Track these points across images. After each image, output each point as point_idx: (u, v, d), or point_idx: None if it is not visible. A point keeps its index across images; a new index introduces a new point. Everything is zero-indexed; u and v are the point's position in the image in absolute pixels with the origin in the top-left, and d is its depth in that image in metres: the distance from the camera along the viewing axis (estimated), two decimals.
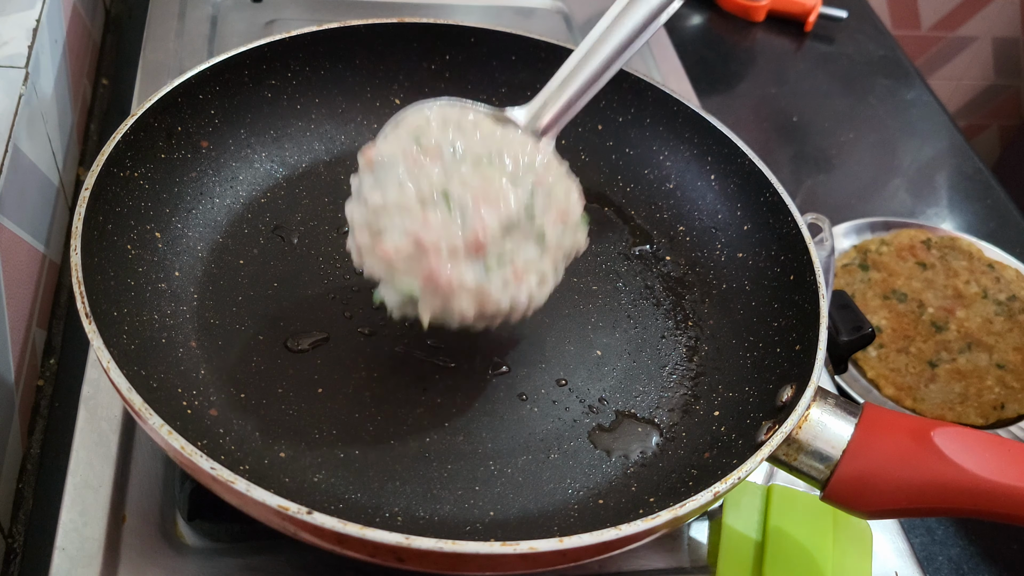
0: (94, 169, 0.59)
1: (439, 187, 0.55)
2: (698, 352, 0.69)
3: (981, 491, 0.51)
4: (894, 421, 0.55)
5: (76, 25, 0.92)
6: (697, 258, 0.74)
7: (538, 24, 1.10)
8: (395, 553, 0.46)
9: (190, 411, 0.57)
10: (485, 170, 0.56)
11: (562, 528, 0.55)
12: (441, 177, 0.55)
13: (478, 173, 0.56)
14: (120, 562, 0.57)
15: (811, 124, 1.14)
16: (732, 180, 0.74)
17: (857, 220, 0.99)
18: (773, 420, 0.57)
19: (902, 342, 0.88)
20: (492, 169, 0.57)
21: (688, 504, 0.49)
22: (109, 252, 0.59)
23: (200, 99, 0.69)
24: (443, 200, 0.55)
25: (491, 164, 0.57)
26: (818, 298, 0.62)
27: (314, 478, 0.56)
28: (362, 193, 0.57)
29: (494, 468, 0.59)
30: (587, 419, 0.63)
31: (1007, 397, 0.85)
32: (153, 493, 0.61)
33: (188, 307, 0.64)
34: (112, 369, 0.49)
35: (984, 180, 1.12)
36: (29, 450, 0.70)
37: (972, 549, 0.74)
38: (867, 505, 0.54)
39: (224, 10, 1.02)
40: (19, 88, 0.71)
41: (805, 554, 0.61)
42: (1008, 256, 0.97)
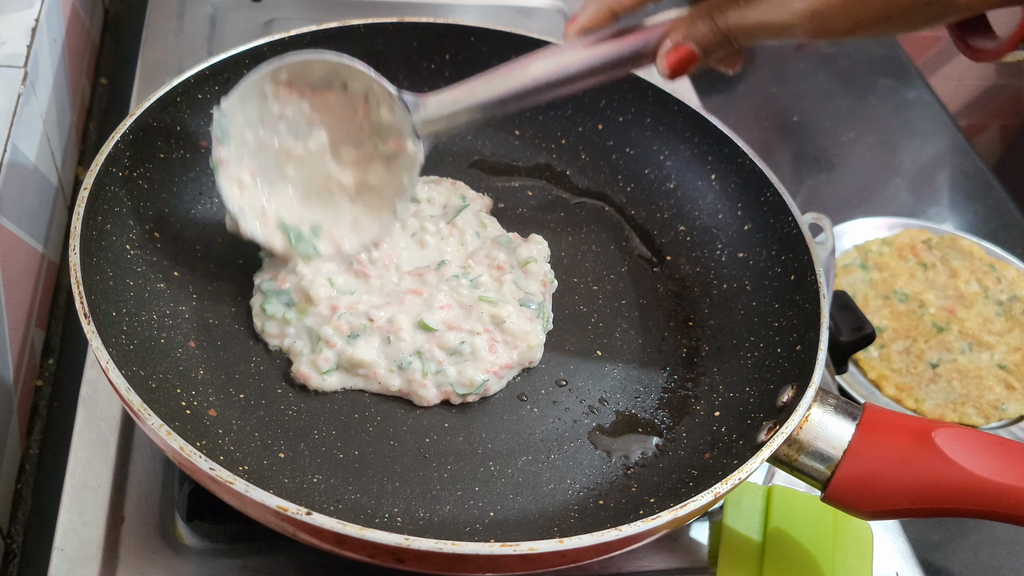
0: (93, 169, 0.59)
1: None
2: (698, 352, 0.68)
3: (982, 491, 0.51)
4: (895, 421, 0.55)
5: (75, 24, 0.92)
6: (697, 258, 0.74)
7: (538, 23, 1.10)
8: (395, 554, 0.46)
9: (189, 411, 0.57)
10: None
11: (562, 529, 0.55)
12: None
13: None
14: (119, 563, 0.57)
15: (812, 124, 1.14)
16: (733, 180, 0.74)
17: (858, 220, 0.99)
18: (774, 420, 0.57)
19: (903, 342, 0.88)
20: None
21: (689, 505, 0.49)
22: (108, 252, 0.59)
23: (199, 99, 0.69)
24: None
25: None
26: (819, 298, 0.62)
27: (313, 478, 0.56)
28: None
29: (494, 468, 0.59)
30: (587, 419, 0.63)
31: (1008, 397, 0.85)
32: (152, 494, 0.61)
33: (187, 307, 0.64)
34: (111, 369, 0.49)
35: (985, 180, 1.11)
36: (28, 450, 0.70)
37: (972, 549, 0.74)
38: (868, 505, 0.54)
39: (223, 9, 1.02)
40: (18, 88, 0.71)
41: (806, 555, 0.61)
42: (1009, 256, 0.97)
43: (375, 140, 0.65)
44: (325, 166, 0.65)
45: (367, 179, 0.66)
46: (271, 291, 0.64)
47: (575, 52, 0.58)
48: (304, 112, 0.64)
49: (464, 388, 0.61)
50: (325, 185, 0.66)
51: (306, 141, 0.65)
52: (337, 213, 0.66)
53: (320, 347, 0.61)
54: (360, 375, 0.61)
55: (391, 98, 0.62)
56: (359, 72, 0.62)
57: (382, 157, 0.65)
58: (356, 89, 0.63)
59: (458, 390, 0.61)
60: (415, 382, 0.61)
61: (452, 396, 0.62)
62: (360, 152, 0.66)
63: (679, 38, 0.54)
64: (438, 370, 0.61)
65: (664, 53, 0.55)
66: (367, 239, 0.66)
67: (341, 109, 0.64)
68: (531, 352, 0.64)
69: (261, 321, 0.63)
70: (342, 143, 0.65)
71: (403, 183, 0.65)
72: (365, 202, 0.66)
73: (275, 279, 0.65)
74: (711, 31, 0.53)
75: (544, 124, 0.81)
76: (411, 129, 0.62)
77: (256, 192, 0.64)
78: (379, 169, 0.66)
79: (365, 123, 0.65)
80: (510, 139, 0.81)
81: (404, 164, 0.64)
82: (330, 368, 0.61)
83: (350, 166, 0.66)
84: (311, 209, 0.66)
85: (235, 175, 0.63)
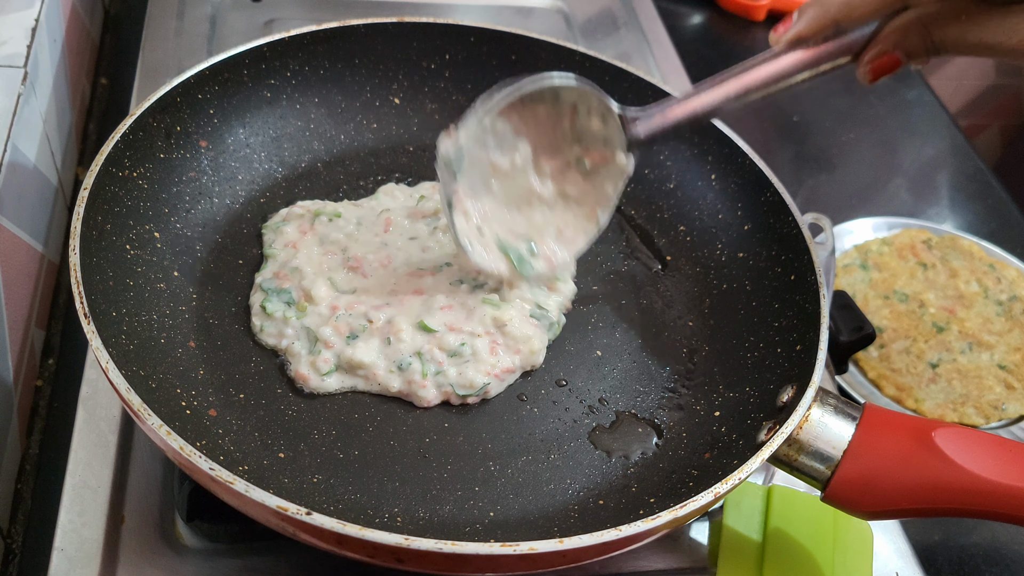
0: (93, 169, 0.59)
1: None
2: (698, 352, 0.68)
3: (982, 491, 0.51)
4: (895, 421, 0.55)
5: (75, 24, 0.92)
6: (698, 258, 0.74)
7: (538, 24, 1.10)
8: (395, 554, 0.46)
9: (189, 411, 0.57)
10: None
11: (562, 529, 0.55)
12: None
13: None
14: (119, 563, 0.57)
15: (812, 124, 1.14)
16: (733, 180, 0.74)
17: (858, 220, 0.99)
18: (774, 420, 0.57)
19: (903, 342, 0.88)
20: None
21: (689, 505, 0.49)
22: (108, 252, 0.59)
23: (199, 99, 0.69)
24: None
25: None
26: (819, 298, 0.62)
27: (313, 478, 0.56)
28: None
29: (494, 468, 0.59)
30: (587, 419, 0.63)
31: (1008, 397, 0.85)
32: (152, 494, 0.61)
33: (187, 307, 0.64)
34: (111, 369, 0.49)
35: (985, 180, 1.11)
36: (28, 450, 0.70)
37: (972, 549, 0.74)
38: (868, 505, 0.54)
39: (223, 9, 1.02)
40: (18, 87, 0.71)
41: (806, 555, 0.61)
42: (1009, 256, 0.97)
43: (575, 148, 0.64)
44: (526, 178, 0.65)
45: (565, 189, 0.65)
46: (272, 289, 0.64)
47: (788, 58, 0.57)
48: (511, 124, 0.63)
49: (464, 389, 0.61)
50: (526, 198, 0.65)
51: (511, 156, 0.64)
52: (539, 225, 0.66)
53: (319, 348, 0.61)
54: (360, 376, 0.61)
55: (607, 111, 0.62)
56: (588, 91, 0.61)
57: (581, 168, 0.65)
58: (567, 99, 0.63)
59: (458, 391, 0.61)
60: (415, 383, 0.61)
61: (452, 397, 0.62)
62: (558, 161, 0.65)
63: (888, 47, 0.53)
64: (438, 371, 0.61)
65: (869, 59, 0.54)
66: (574, 251, 0.66)
67: (547, 118, 0.64)
68: (533, 357, 0.64)
69: (260, 320, 0.63)
70: (542, 152, 0.65)
71: (607, 193, 0.65)
72: (565, 213, 0.66)
73: (276, 277, 0.65)
74: (924, 43, 0.52)
75: None
76: (623, 143, 0.62)
77: (471, 215, 0.63)
78: (577, 179, 0.65)
79: (569, 131, 0.64)
80: None
81: (610, 174, 0.64)
82: (330, 369, 0.61)
83: (549, 176, 0.65)
84: (515, 221, 0.65)
85: (461, 207, 0.62)
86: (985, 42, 0.49)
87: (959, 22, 0.50)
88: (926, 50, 0.52)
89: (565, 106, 0.63)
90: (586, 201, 0.66)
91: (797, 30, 0.55)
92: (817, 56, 0.57)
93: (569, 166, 0.65)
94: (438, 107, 0.80)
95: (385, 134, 0.79)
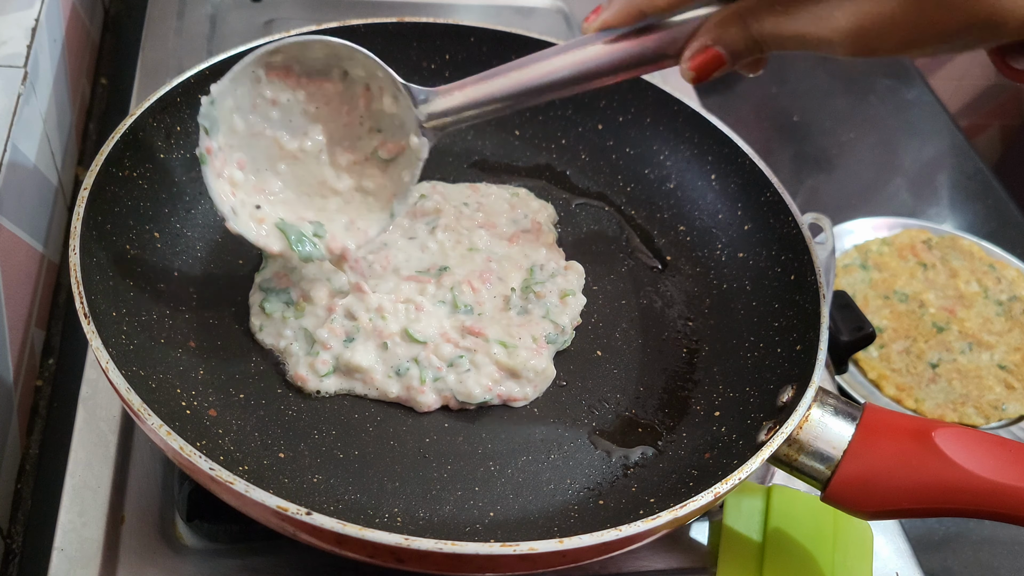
0: (93, 169, 0.59)
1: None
2: (698, 352, 0.68)
3: (982, 491, 0.51)
4: (895, 421, 0.55)
5: (75, 24, 0.92)
6: (698, 258, 0.74)
7: (538, 23, 1.10)
8: (395, 554, 0.46)
9: (189, 411, 0.57)
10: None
11: (562, 529, 0.55)
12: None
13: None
14: (119, 563, 0.57)
15: (812, 124, 1.14)
16: (733, 180, 0.74)
17: (858, 220, 0.99)
18: (774, 420, 0.57)
19: (903, 342, 0.88)
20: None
21: (689, 505, 0.49)
22: (108, 252, 0.59)
23: (199, 99, 0.69)
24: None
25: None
26: (819, 298, 0.62)
27: (313, 479, 0.56)
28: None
29: (494, 468, 0.59)
30: (587, 419, 0.63)
31: (1008, 397, 0.85)
32: (152, 494, 0.61)
33: (187, 307, 0.63)
34: (111, 369, 0.49)
35: (985, 180, 1.11)
36: (28, 450, 0.70)
37: (972, 549, 0.74)
38: (868, 505, 0.54)
39: (223, 9, 1.02)
40: (18, 87, 0.71)
41: (806, 555, 0.61)
42: (1009, 256, 0.97)
43: (373, 139, 0.62)
44: (320, 169, 0.62)
45: (363, 184, 0.63)
46: (271, 289, 0.64)
47: (594, 48, 0.55)
48: (299, 102, 0.60)
49: (463, 397, 0.61)
50: (318, 187, 0.63)
51: (301, 139, 0.61)
52: (331, 213, 0.63)
53: (316, 349, 0.61)
54: (357, 379, 0.61)
55: (395, 86, 0.58)
56: (362, 56, 0.58)
57: (379, 160, 0.62)
58: (357, 77, 0.60)
59: (457, 397, 0.61)
60: (413, 388, 0.61)
61: (451, 402, 0.62)
62: (356, 155, 0.62)
63: (707, 41, 0.51)
64: (436, 377, 0.61)
65: (690, 56, 0.52)
66: (363, 241, 0.62)
67: (339, 101, 0.61)
68: (544, 384, 0.64)
69: (259, 320, 0.63)
70: (338, 144, 0.62)
71: (403, 180, 0.61)
72: (360, 205, 0.63)
73: (276, 278, 0.65)
74: (743, 37, 0.50)
75: (544, 124, 0.81)
76: (416, 122, 0.59)
77: (249, 188, 0.61)
78: (375, 173, 0.63)
79: (365, 116, 0.61)
80: (510, 139, 0.81)
81: (405, 161, 0.61)
82: (328, 371, 0.61)
83: (345, 170, 0.63)
84: (305, 208, 0.62)
85: (225, 171, 0.59)
86: (799, 33, 0.47)
87: (774, 13, 0.48)
88: (747, 45, 0.50)
89: (357, 86, 0.60)
90: (382, 193, 0.63)
91: (603, 18, 0.54)
92: (636, 52, 0.54)
93: (367, 159, 0.62)
94: None
95: None
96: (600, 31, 0.54)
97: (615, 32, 0.54)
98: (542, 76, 0.56)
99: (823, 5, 0.46)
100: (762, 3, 0.49)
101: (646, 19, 0.53)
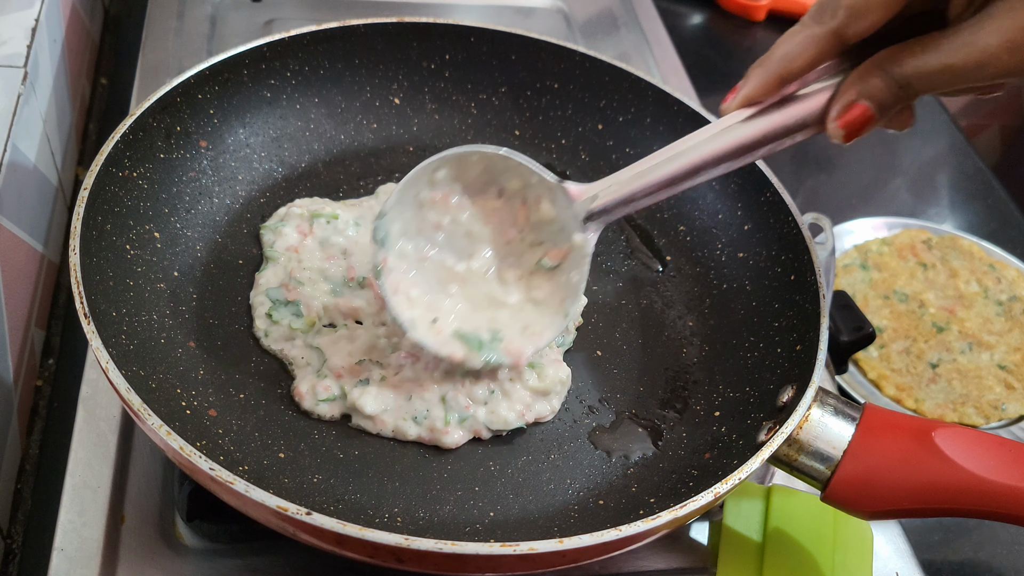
0: (93, 169, 0.59)
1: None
2: (698, 352, 0.68)
3: (982, 491, 0.51)
4: (895, 421, 0.55)
5: (75, 24, 0.92)
6: (698, 258, 0.74)
7: (538, 24, 1.10)
8: (395, 554, 0.46)
9: (189, 411, 0.57)
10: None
11: (562, 529, 0.55)
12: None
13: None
14: (119, 563, 0.57)
15: None
16: (732, 180, 0.74)
17: (858, 220, 0.99)
18: (774, 420, 0.57)
19: (903, 342, 0.88)
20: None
21: (689, 505, 0.49)
22: (108, 252, 0.59)
23: (199, 99, 0.69)
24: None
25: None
26: (819, 298, 0.62)
27: (313, 478, 0.56)
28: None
29: (494, 468, 0.59)
30: (587, 419, 0.63)
31: (1008, 397, 0.85)
32: (152, 494, 0.61)
33: (187, 307, 0.64)
34: (111, 369, 0.49)
35: (985, 180, 1.11)
36: (28, 450, 0.70)
37: (972, 549, 0.74)
38: (868, 505, 0.54)
39: (223, 9, 1.02)
40: (18, 87, 0.71)
41: (806, 555, 0.61)
42: (1009, 256, 0.97)
43: (536, 252, 0.61)
44: (488, 286, 0.62)
45: (532, 295, 0.62)
46: (280, 300, 0.64)
47: (739, 128, 0.54)
48: (461, 223, 0.60)
49: (499, 425, 0.60)
50: (488, 302, 0.62)
51: (468, 261, 0.61)
52: (506, 321, 0.62)
53: (325, 372, 0.60)
54: (365, 419, 0.59)
55: (551, 189, 0.58)
56: (515, 164, 0.58)
57: (545, 270, 0.61)
58: (513, 189, 0.60)
59: (491, 427, 0.60)
60: (437, 430, 0.59)
61: (482, 434, 0.60)
62: (521, 270, 0.62)
63: (852, 96, 0.49)
64: (464, 417, 0.60)
65: (836, 115, 0.50)
66: (541, 344, 0.60)
67: (499, 218, 0.61)
68: (565, 391, 0.64)
69: (265, 324, 0.63)
70: (503, 261, 0.62)
71: (572, 282, 0.60)
72: (532, 314, 0.62)
73: (285, 289, 0.64)
74: (886, 84, 0.48)
75: (544, 124, 0.81)
76: (575, 221, 0.58)
77: (424, 305, 0.60)
78: (542, 283, 0.61)
79: (526, 230, 0.61)
80: (510, 139, 0.81)
81: (572, 262, 0.60)
82: (328, 398, 0.60)
83: (513, 285, 0.62)
84: (480, 319, 0.61)
85: (401, 287, 0.59)
86: (946, 65, 0.46)
87: (914, 54, 0.47)
88: (893, 93, 0.49)
89: (514, 199, 0.60)
90: (553, 300, 0.62)
91: (744, 93, 0.53)
92: (780, 124, 0.53)
93: (533, 273, 0.62)
94: (438, 107, 0.80)
95: (385, 134, 0.79)
96: (741, 107, 0.54)
97: (756, 107, 0.54)
98: (694, 163, 0.55)
99: (963, 32, 0.45)
100: (899, 48, 0.48)
101: (785, 86, 0.52)
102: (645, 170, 0.57)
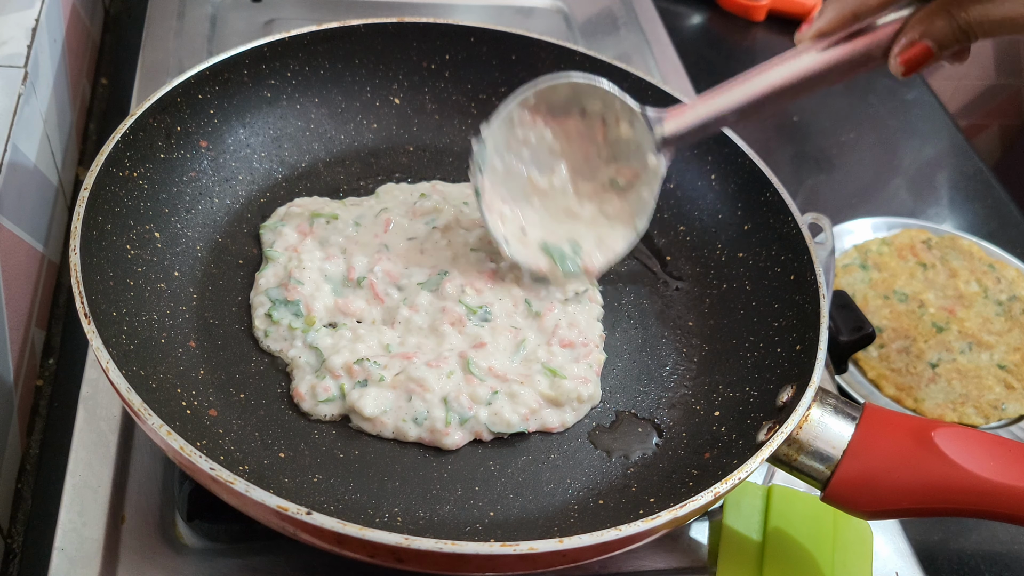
0: (93, 169, 0.59)
1: None
2: (698, 352, 0.68)
3: (982, 491, 0.51)
4: (895, 421, 0.55)
5: (75, 24, 0.92)
6: (697, 258, 0.74)
7: (538, 24, 1.10)
8: (395, 553, 0.46)
9: (189, 411, 0.57)
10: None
11: (562, 528, 0.55)
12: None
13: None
14: (119, 562, 0.57)
15: (811, 124, 1.14)
16: (732, 180, 0.74)
17: (858, 220, 0.99)
18: (774, 420, 0.57)
19: (903, 342, 0.88)
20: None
21: (688, 505, 0.49)
22: (108, 252, 0.59)
23: (199, 99, 0.69)
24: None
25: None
26: (819, 298, 0.62)
27: (313, 478, 0.56)
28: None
29: (494, 468, 0.59)
30: (587, 419, 0.63)
31: (1008, 397, 0.85)
32: (152, 493, 0.61)
33: (187, 307, 0.64)
34: (111, 369, 0.49)
35: (985, 180, 1.11)
36: (28, 450, 0.70)
37: (972, 549, 0.74)
38: (868, 505, 0.54)
39: (223, 9, 1.02)
40: (18, 88, 0.71)
41: (805, 555, 0.61)
42: (1009, 256, 0.97)
43: (609, 168, 0.66)
44: (566, 200, 0.67)
45: (604, 209, 0.67)
46: (280, 300, 0.64)
47: (809, 57, 0.57)
48: (546, 140, 0.65)
49: (501, 427, 0.60)
50: (565, 214, 0.67)
51: (549, 176, 0.66)
52: (582, 233, 0.67)
53: (324, 373, 0.60)
54: (364, 422, 0.59)
55: (632, 113, 0.63)
56: (601, 91, 0.63)
57: (617, 187, 0.66)
58: (594, 111, 0.64)
59: (492, 429, 0.60)
60: (437, 431, 0.59)
61: (483, 435, 0.60)
62: (595, 184, 0.66)
63: (915, 35, 0.53)
64: (464, 418, 0.59)
65: (899, 51, 0.54)
66: (612, 257, 0.67)
67: (579, 136, 0.65)
68: (583, 410, 0.63)
69: (265, 325, 0.63)
70: (579, 175, 0.67)
71: (643, 198, 0.65)
72: (604, 227, 0.67)
73: (284, 288, 0.64)
74: (950, 27, 0.52)
75: None
76: (652, 144, 0.63)
77: (515, 219, 0.66)
78: (613, 199, 0.67)
79: (603, 147, 0.65)
80: None
81: (645, 181, 0.65)
82: (328, 398, 0.60)
83: (587, 198, 0.67)
84: (560, 230, 0.67)
85: (495, 207, 0.65)
86: (1008, 16, 0.50)
87: (979, 1, 0.50)
88: (954, 36, 0.52)
89: (595, 119, 0.64)
90: (623, 215, 0.67)
91: (818, 26, 0.56)
92: (847, 56, 0.56)
93: (605, 188, 0.67)
94: (438, 107, 0.80)
95: (385, 134, 0.79)
96: (815, 39, 0.57)
97: (828, 39, 0.57)
98: (765, 89, 0.59)
99: None
100: None
101: (857, 22, 0.55)
102: (719, 98, 0.61)
